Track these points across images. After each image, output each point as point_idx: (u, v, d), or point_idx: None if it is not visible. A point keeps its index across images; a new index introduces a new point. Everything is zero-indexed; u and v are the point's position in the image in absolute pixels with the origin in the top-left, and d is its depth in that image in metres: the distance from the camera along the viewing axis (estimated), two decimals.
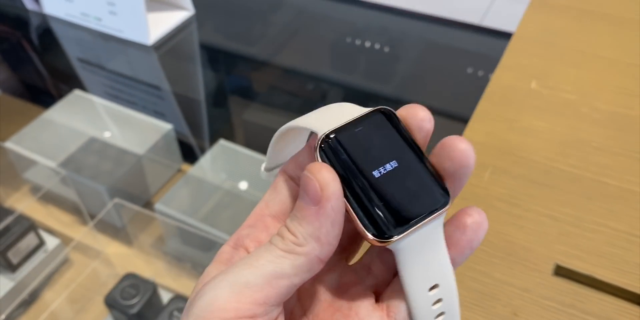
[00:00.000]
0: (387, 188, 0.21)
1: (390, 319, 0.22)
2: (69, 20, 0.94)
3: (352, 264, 0.24)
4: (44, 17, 0.96)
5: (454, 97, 0.82)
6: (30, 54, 0.96)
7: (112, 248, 0.77)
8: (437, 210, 0.21)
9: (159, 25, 0.90)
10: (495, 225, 0.45)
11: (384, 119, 0.22)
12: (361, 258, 0.24)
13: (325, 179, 0.19)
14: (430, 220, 0.21)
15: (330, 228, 0.20)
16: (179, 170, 0.84)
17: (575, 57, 0.61)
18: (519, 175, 0.49)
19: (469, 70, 0.85)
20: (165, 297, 0.70)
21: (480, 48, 0.93)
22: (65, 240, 0.76)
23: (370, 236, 0.20)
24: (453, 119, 0.81)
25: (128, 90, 0.88)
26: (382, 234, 0.20)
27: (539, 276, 0.42)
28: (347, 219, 0.21)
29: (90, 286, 0.73)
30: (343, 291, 0.23)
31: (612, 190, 0.48)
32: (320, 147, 0.21)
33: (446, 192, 0.21)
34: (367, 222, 0.20)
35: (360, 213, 0.20)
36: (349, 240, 0.24)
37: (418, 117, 0.21)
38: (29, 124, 0.81)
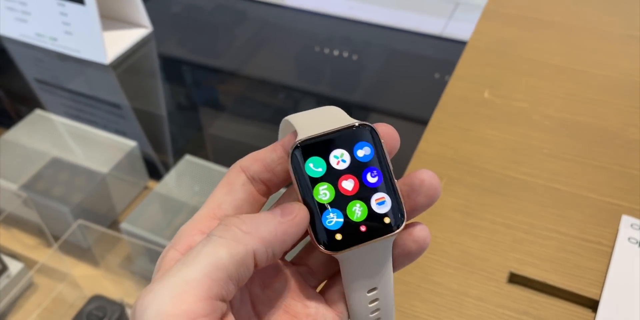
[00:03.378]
0: (347, 202, 0.22)
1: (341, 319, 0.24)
2: (24, 41, 0.93)
3: (295, 265, 0.25)
4: None
5: (419, 103, 0.83)
6: None
7: (78, 270, 0.76)
8: (389, 232, 0.22)
9: (116, 43, 0.90)
10: (450, 235, 0.46)
11: (363, 134, 0.22)
12: (299, 257, 0.25)
13: (303, 210, 0.21)
14: (378, 240, 0.22)
15: (279, 239, 0.20)
16: (146, 188, 0.83)
17: (526, 66, 0.63)
18: (472, 184, 0.50)
19: (434, 77, 0.87)
20: None
21: (442, 56, 0.95)
22: (30, 264, 0.75)
23: (319, 246, 0.22)
24: (419, 123, 0.82)
25: (89, 110, 0.88)
26: (330, 246, 0.22)
27: (494, 285, 0.43)
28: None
29: (56, 310, 0.72)
30: (294, 296, 0.24)
31: (563, 196, 0.49)
32: (294, 152, 0.21)
33: (403, 215, 0.22)
34: (319, 232, 0.22)
35: (315, 220, 0.21)
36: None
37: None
38: None
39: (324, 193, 0.21)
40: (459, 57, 0.64)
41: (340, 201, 0.22)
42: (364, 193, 0.22)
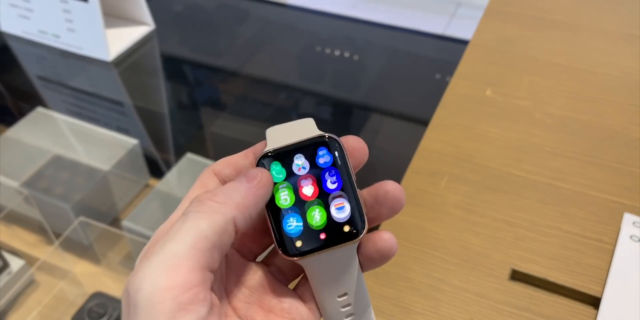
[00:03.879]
0: (306, 208, 0.23)
1: (314, 315, 0.24)
2: (27, 38, 0.93)
3: (266, 266, 0.25)
4: (0, 35, 0.95)
5: (421, 102, 0.83)
6: None
7: (79, 267, 0.76)
8: (350, 239, 0.23)
9: (119, 41, 0.90)
10: (452, 232, 0.46)
11: (326, 145, 0.23)
12: (269, 257, 0.26)
13: (266, 172, 0.22)
14: (338, 247, 0.23)
15: (252, 202, 0.21)
16: (147, 186, 0.83)
17: (528, 64, 0.63)
18: (474, 181, 0.50)
19: (436, 76, 0.87)
20: None
21: (444, 56, 0.95)
22: (31, 261, 0.75)
23: (279, 251, 0.23)
24: (421, 123, 0.82)
25: (91, 107, 0.88)
26: (291, 252, 0.23)
27: (495, 281, 0.43)
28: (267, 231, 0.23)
29: (57, 307, 0.72)
30: (268, 292, 0.24)
31: (565, 193, 0.49)
32: (259, 162, 0.23)
33: (363, 223, 0.23)
34: (280, 237, 0.23)
35: (277, 227, 0.23)
36: (262, 248, 0.26)
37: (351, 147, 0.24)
38: None
39: (284, 199, 0.23)
40: (461, 57, 0.64)
41: (300, 206, 0.23)
42: (323, 199, 0.23)
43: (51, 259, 0.74)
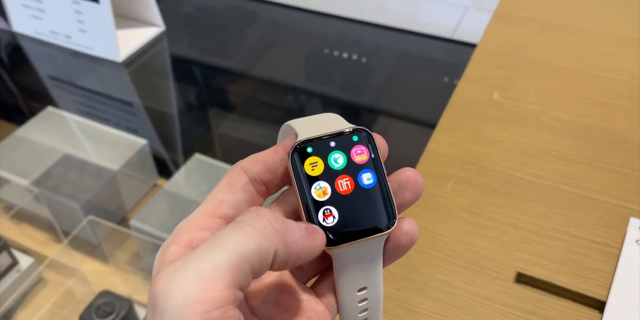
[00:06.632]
0: (342, 201, 0.23)
1: (330, 312, 0.24)
2: (39, 38, 0.94)
3: None
4: (13, 35, 0.96)
5: (428, 105, 0.84)
6: (0, 72, 0.96)
7: (87, 265, 0.77)
8: (380, 231, 0.23)
9: (129, 41, 0.91)
10: (458, 234, 0.46)
11: (360, 138, 0.23)
12: None
13: (322, 234, 0.22)
14: (371, 238, 0.23)
15: (297, 252, 0.21)
16: (155, 186, 0.84)
17: (536, 68, 0.63)
18: (481, 185, 0.50)
19: (444, 80, 0.87)
20: (142, 313, 0.69)
21: (452, 59, 0.95)
22: (40, 259, 0.76)
23: None
24: (428, 126, 0.82)
25: (100, 107, 0.88)
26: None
27: (501, 284, 0.43)
28: (298, 218, 0.23)
29: (65, 305, 0.73)
30: (286, 290, 0.24)
31: (572, 197, 0.49)
32: (293, 152, 0.23)
33: (394, 216, 0.23)
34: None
35: (311, 216, 0.22)
36: None
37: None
38: (1, 142, 0.80)
39: (320, 191, 0.23)
40: (469, 60, 0.64)
41: (336, 200, 0.23)
42: (359, 193, 0.23)
43: (60, 257, 0.75)
